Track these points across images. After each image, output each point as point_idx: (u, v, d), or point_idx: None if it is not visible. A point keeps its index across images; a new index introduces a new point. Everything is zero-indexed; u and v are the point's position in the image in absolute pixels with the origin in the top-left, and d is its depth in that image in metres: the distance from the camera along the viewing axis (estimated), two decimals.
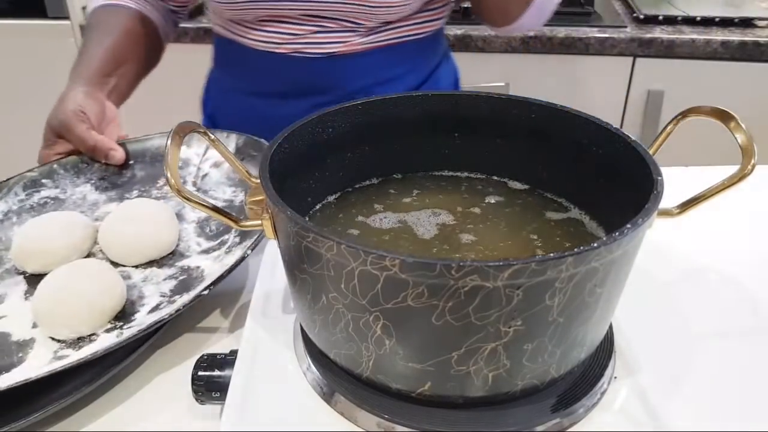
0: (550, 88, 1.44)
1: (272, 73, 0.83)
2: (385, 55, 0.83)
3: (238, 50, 0.84)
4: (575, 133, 0.49)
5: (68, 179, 0.70)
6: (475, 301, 0.34)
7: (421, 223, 0.50)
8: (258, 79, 0.85)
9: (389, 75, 0.84)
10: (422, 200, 0.53)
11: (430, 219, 0.51)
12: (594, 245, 0.33)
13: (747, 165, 0.41)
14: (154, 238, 0.60)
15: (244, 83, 0.86)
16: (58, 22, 1.59)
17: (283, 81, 0.83)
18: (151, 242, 0.60)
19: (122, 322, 0.53)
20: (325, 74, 0.82)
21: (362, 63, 0.82)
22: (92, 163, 0.72)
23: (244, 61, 0.85)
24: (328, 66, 0.81)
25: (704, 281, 0.60)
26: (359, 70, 0.82)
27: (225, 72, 0.90)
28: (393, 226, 0.50)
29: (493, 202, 0.53)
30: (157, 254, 0.60)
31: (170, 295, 0.56)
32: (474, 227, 0.50)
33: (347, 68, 0.81)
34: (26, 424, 0.46)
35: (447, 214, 0.51)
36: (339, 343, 0.40)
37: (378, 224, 0.50)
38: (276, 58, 0.81)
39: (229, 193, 0.68)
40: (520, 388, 0.39)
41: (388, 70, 0.84)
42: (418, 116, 0.54)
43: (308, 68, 0.81)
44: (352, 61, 0.81)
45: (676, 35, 1.37)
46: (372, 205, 0.52)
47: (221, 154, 0.48)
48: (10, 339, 0.52)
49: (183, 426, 0.47)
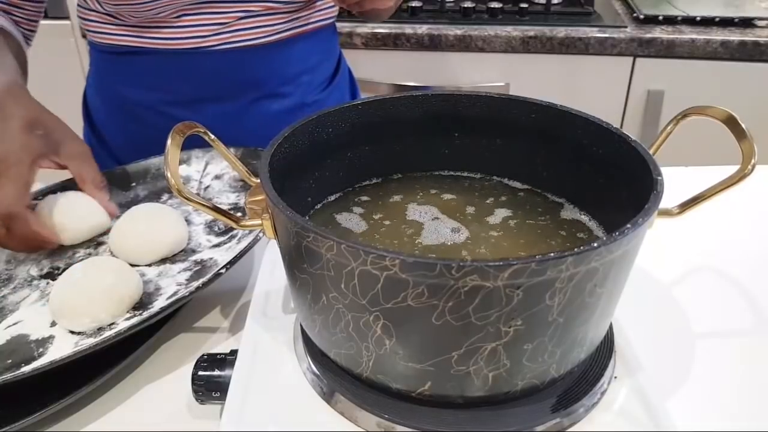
0: (550, 88, 1.44)
1: (197, 73, 0.78)
2: (307, 43, 0.82)
3: (148, 59, 0.77)
4: (575, 133, 0.49)
5: None
6: (475, 301, 0.34)
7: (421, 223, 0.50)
8: (177, 85, 0.79)
9: (311, 63, 0.84)
10: (422, 200, 0.53)
11: (430, 219, 0.51)
12: (594, 245, 0.33)
13: (747, 165, 0.41)
14: (165, 234, 0.60)
15: (158, 94, 0.80)
16: (58, 22, 1.59)
17: (210, 80, 0.78)
18: (162, 237, 0.60)
19: (141, 311, 0.53)
20: (256, 66, 0.79)
21: (288, 51, 0.80)
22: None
23: (156, 69, 0.78)
24: (258, 56, 0.79)
25: (704, 281, 0.60)
26: (286, 59, 0.81)
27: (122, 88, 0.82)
28: (393, 226, 0.50)
29: (492, 202, 0.53)
30: (169, 251, 0.60)
31: (186, 284, 0.56)
32: (474, 227, 0.50)
33: (276, 58, 0.80)
34: (26, 424, 0.46)
35: (447, 214, 0.51)
36: (339, 343, 0.40)
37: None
38: (199, 55, 0.76)
39: (233, 198, 0.68)
40: (520, 388, 0.39)
41: (310, 58, 0.84)
42: (418, 116, 0.54)
43: (239, 61, 0.78)
44: (279, 50, 0.80)
45: (676, 35, 1.37)
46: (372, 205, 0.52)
47: (221, 153, 0.48)
48: (29, 338, 0.52)
49: (183, 426, 0.47)
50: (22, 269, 0.62)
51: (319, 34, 0.84)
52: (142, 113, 0.81)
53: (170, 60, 0.77)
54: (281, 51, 0.80)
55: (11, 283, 0.60)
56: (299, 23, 0.80)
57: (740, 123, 0.42)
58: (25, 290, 0.59)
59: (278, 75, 0.81)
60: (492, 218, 0.51)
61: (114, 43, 0.78)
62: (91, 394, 0.49)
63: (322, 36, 0.85)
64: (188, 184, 0.71)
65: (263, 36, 0.78)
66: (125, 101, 0.82)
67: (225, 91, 0.80)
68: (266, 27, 0.78)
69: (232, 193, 0.69)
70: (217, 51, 0.77)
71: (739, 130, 0.42)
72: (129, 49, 0.78)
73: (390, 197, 0.53)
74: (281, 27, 0.79)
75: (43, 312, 0.55)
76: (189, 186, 0.71)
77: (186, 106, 0.80)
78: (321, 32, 0.84)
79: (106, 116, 0.86)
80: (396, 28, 1.41)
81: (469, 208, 0.52)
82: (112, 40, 0.78)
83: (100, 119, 0.88)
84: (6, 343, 0.52)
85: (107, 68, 0.83)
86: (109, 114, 0.86)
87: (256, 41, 0.78)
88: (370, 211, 0.52)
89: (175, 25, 0.75)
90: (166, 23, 0.75)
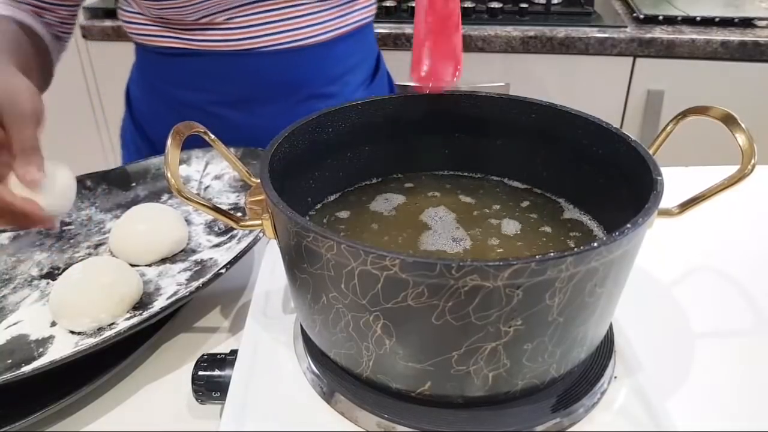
0: (550, 88, 1.44)
1: (245, 74, 0.77)
2: (349, 42, 0.82)
3: (196, 61, 0.77)
4: (575, 133, 0.49)
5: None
6: (475, 300, 0.34)
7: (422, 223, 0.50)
8: (225, 86, 0.78)
9: (353, 62, 0.84)
10: (422, 200, 0.53)
11: (431, 219, 0.51)
12: (594, 245, 0.33)
13: (747, 165, 0.41)
14: (165, 233, 0.60)
15: (204, 95, 0.79)
16: None
17: (258, 81, 0.78)
18: (163, 237, 0.60)
19: (141, 311, 0.53)
20: (303, 66, 0.79)
21: (332, 51, 0.80)
22: (94, 188, 0.72)
23: (204, 71, 0.78)
24: (305, 57, 0.78)
25: (704, 281, 0.60)
26: (331, 59, 0.80)
27: (167, 87, 0.81)
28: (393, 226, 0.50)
29: (492, 202, 0.53)
30: (169, 251, 0.60)
31: (186, 283, 0.56)
32: (474, 227, 0.50)
33: (322, 58, 0.80)
34: (26, 424, 0.46)
35: (447, 213, 0.51)
36: (339, 343, 0.40)
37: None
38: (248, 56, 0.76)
39: (233, 198, 0.68)
40: (520, 387, 0.39)
41: (352, 57, 0.84)
42: (418, 116, 0.54)
43: (286, 62, 0.78)
44: (324, 50, 0.79)
45: (676, 35, 1.37)
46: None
47: (221, 153, 0.48)
48: (29, 338, 0.52)
49: (183, 426, 0.47)
50: (22, 269, 0.62)
51: (360, 33, 0.84)
52: (188, 112, 0.81)
53: (218, 61, 0.77)
54: (326, 51, 0.80)
55: (11, 283, 0.60)
56: (343, 23, 0.80)
57: (740, 123, 0.42)
58: (25, 290, 0.59)
59: (324, 75, 0.81)
60: (492, 218, 0.51)
61: (160, 45, 0.78)
62: (91, 394, 0.49)
63: (362, 35, 0.85)
64: (188, 184, 0.71)
65: (310, 36, 0.78)
66: (170, 99, 0.82)
67: (272, 92, 0.80)
68: (314, 26, 0.77)
69: (232, 193, 0.69)
70: (265, 52, 0.76)
71: (739, 130, 0.42)
72: (176, 51, 0.77)
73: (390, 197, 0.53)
74: (327, 26, 0.78)
75: (43, 312, 0.55)
76: (189, 186, 0.71)
77: (232, 107, 0.80)
78: (361, 31, 0.84)
79: (149, 110, 0.86)
80: (396, 28, 1.41)
81: (469, 207, 0.52)
82: (158, 41, 0.78)
83: (141, 113, 0.88)
84: (6, 343, 0.52)
85: (152, 67, 0.82)
86: (152, 109, 0.86)
87: (304, 41, 0.77)
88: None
89: (223, 27, 0.74)
90: (214, 26, 0.74)
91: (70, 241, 0.65)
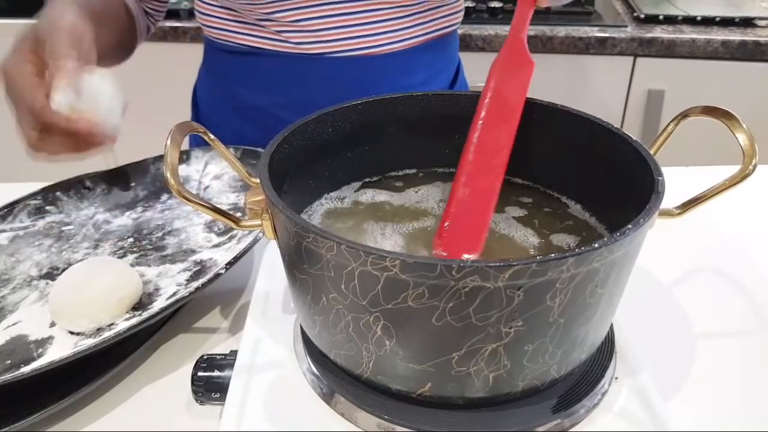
0: (550, 88, 1.44)
1: (315, 79, 0.75)
2: (429, 51, 0.78)
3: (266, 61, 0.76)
4: (576, 133, 0.49)
5: (72, 204, 0.70)
6: (476, 301, 0.34)
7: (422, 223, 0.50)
8: (294, 90, 0.76)
9: (431, 72, 0.80)
10: (422, 200, 0.53)
11: (431, 219, 0.50)
12: (595, 245, 0.33)
13: (748, 165, 0.41)
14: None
15: (272, 97, 0.78)
16: None
17: (327, 87, 0.75)
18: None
19: (140, 311, 0.53)
20: (377, 75, 0.76)
21: (411, 60, 0.76)
22: (94, 188, 0.72)
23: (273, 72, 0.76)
24: (380, 65, 0.75)
25: (704, 281, 0.60)
26: (408, 69, 0.77)
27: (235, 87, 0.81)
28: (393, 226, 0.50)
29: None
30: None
31: (186, 284, 0.56)
32: None
33: (398, 67, 0.76)
34: (26, 424, 0.45)
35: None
36: (339, 344, 0.40)
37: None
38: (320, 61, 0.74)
39: (233, 198, 0.68)
40: (520, 388, 0.39)
41: (431, 67, 0.80)
42: (418, 116, 0.54)
43: (360, 69, 0.75)
44: (402, 59, 0.76)
45: (676, 35, 1.37)
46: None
47: (221, 153, 0.47)
48: (28, 339, 0.52)
49: (183, 426, 0.47)
50: (22, 269, 0.62)
51: (442, 41, 0.80)
52: (252, 113, 0.80)
53: (287, 64, 0.75)
54: (402, 60, 0.76)
55: (10, 283, 0.60)
56: (422, 30, 0.76)
57: (741, 123, 0.42)
58: (24, 290, 0.59)
59: (397, 85, 0.77)
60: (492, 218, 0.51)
61: (232, 42, 0.77)
62: (91, 394, 0.49)
63: (444, 43, 0.80)
64: (188, 184, 0.71)
65: (385, 43, 0.74)
66: (236, 100, 0.81)
67: (342, 99, 0.79)
68: (389, 33, 0.74)
69: (232, 193, 0.69)
70: (335, 58, 0.74)
71: (740, 130, 0.42)
72: (248, 49, 0.76)
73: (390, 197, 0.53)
74: (404, 34, 0.75)
75: (42, 312, 0.55)
76: (188, 186, 0.71)
77: (298, 111, 0.77)
78: (444, 39, 0.80)
79: (214, 110, 0.86)
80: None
81: None
82: (230, 37, 0.77)
83: (206, 112, 0.87)
84: (5, 344, 0.52)
85: (222, 66, 0.82)
86: (217, 109, 0.85)
87: (377, 49, 0.74)
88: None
89: (297, 29, 0.73)
90: (283, 24, 0.73)
91: (69, 242, 0.65)
